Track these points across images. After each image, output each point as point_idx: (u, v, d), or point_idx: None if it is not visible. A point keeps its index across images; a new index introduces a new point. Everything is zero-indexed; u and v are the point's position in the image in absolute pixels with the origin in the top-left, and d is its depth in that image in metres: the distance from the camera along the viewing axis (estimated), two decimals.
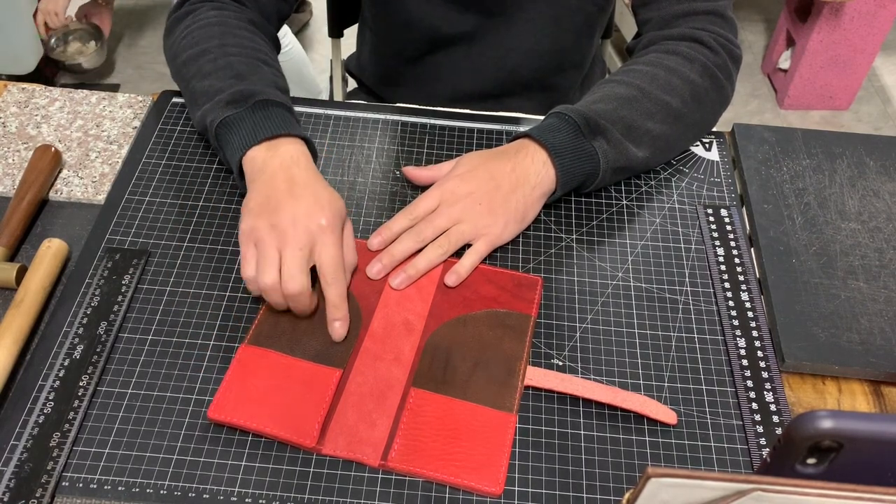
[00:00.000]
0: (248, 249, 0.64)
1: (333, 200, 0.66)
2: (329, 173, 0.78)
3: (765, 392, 0.62)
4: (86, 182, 0.75)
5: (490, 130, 0.83)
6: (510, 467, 0.58)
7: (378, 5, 0.94)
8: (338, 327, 0.63)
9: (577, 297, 0.69)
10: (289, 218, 0.63)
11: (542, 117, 0.77)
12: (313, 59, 2.29)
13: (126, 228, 0.71)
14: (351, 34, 1.19)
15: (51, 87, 0.84)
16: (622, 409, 0.61)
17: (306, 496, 0.55)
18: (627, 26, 2.08)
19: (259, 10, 0.83)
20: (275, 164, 0.67)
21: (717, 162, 0.81)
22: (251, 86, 0.71)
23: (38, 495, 0.54)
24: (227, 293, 0.67)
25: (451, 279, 0.68)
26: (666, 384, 0.63)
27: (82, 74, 2.14)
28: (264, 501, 0.55)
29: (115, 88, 2.16)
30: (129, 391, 0.60)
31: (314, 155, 0.71)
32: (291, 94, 0.78)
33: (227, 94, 0.70)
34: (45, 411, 0.58)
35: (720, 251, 0.72)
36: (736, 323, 0.67)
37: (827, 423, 0.36)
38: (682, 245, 0.73)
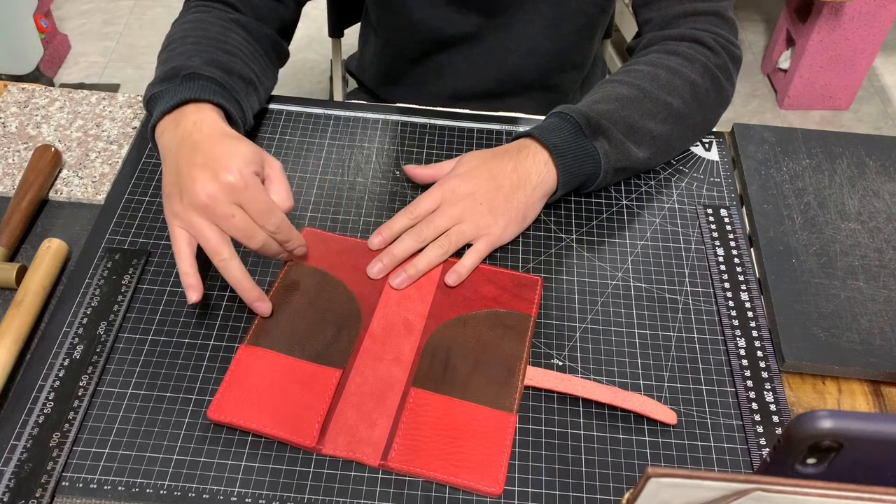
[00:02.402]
0: (175, 233, 0.62)
1: (238, 151, 0.62)
2: (329, 173, 0.78)
3: (765, 392, 0.62)
4: (86, 182, 0.75)
5: (490, 130, 0.83)
6: (510, 467, 0.58)
7: (381, 7, 0.94)
8: (298, 252, 0.65)
9: (577, 297, 0.69)
10: (203, 192, 0.60)
11: (542, 117, 0.77)
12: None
13: (126, 228, 0.71)
14: (351, 34, 1.19)
15: (51, 87, 0.84)
16: (622, 409, 0.61)
17: (306, 496, 0.55)
18: (627, 26, 2.08)
19: (254, 14, 0.82)
20: (177, 138, 0.65)
21: (717, 162, 0.81)
22: (187, 61, 0.70)
23: (37, 495, 0.54)
24: (227, 293, 0.67)
25: (452, 279, 0.68)
26: (666, 384, 0.63)
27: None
28: (264, 501, 0.55)
29: (115, 88, 2.16)
30: (129, 391, 0.60)
31: (233, 120, 0.69)
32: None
33: (162, 71, 0.71)
34: (45, 411, 0.58)
35: (720, 251, 0.72)
36: (736, 323, 0.67)
37: (827, 423, 0.36)
38: (682, 245, 0.73)
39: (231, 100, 0.70)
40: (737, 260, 0.72)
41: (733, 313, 0.68)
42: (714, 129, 0.84)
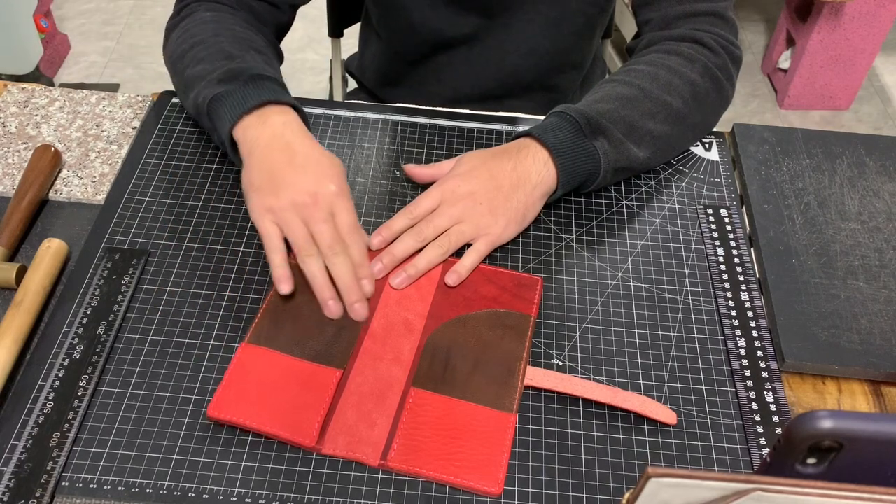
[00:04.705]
0: (268, 227, 0.65)
1: (334, 164, 0.68)
2: None
3: (765, 392, 0.62)
4: (86, 182, 0.75)
5: (490, 130, 0.83)
6: (510, 467, 0.58)
7: (381, 9, 0.94)
8: (365, 285, 0.65)
9: (577, 297, 0.69)
10: (304, 192, 0.65)
11: (542, 117, 0.77)
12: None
13: (126, 228, 0.71)
14: (351, 34, 1.19)
15: (51, 87, 0.84)
16: (622, 409, 0.61)
17: (306, 496, 0.55)
18: (627, 26, 2.08)
19: (255, 17, 0.83)
20: (267, 135, 0.68)
21: (717, 162, 0.81)
22: (242, 64, 0.72)
23: (37, 495, 0.54)
24: (227, 293, 0.67)
25: (452, 279, 0.68)
26: (666, 384, 0.63)
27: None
28: (264, 501, 0.55)
29: (115, 88, 2.16)
30: (129, 391, 0.60)
31: (306, 122, 0.72)
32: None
33: (219, 73, 0.71)
34: (45, 411, 0.58)
35: (720, 251, 0.72)
36: (736, 323, 0.67)
37: (827, 423, 0.36)
38: (682, 245, 0.73)
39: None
40: (737, 260, 0.72)
41: (733, 313, 0.68)
42: (714, 129, 0.84)
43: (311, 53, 2.30)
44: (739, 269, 0.71)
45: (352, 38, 1.10)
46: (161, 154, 0.78)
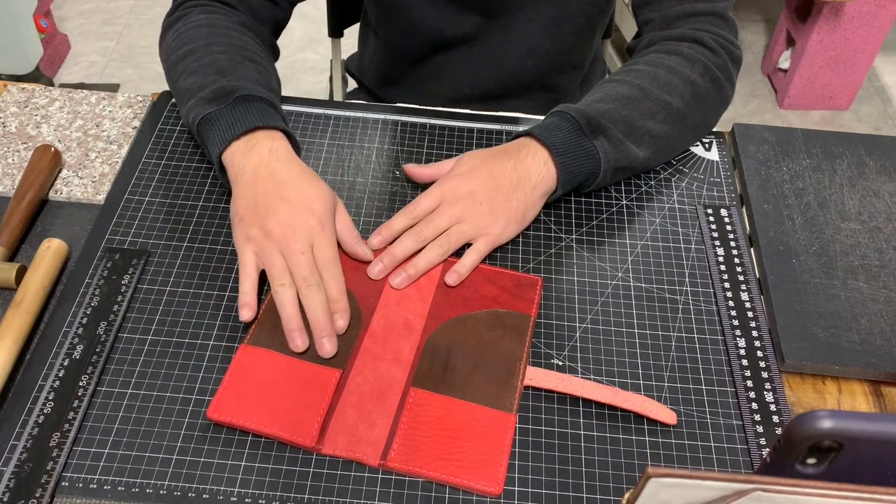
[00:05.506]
0: (247, 256, 0.65)
1: (320, 194, 0.67)
2: (329, 173, 0.78)
3: (765, 392, 0.62)
4: (85, 182, 0.75)
5: (490, 130, 0.83)
6: (510, 467, 0.58)
7: (381, 9, 0.94)
8: (338, 319, 0.64)
9: (577, 297, 0.69)
10: (284, 224, 0.64)
11: (542, 117, 0.77)
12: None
13: (126, 228, 0.71)
14: (350, 34, 1.19)
15: (51, 87, 0.84)
16: (622, 409, 0.61)
17: (306, 496, 0.55)
18: (627, 26, 2.08)
19: (252, 15, 0.83)
20: (254, 162, 0.68)
21: (717, 162, 0.81)
22: (233, 81, 0.71)
23: (37, 495, 0.54)
24: (227, 293, 0.67)
25: (452, 279, 0.68)
26: (666, 384, 0.63)
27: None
28: (264, 501, 0.55)
29: (115, 88, 2.16)
30: (129, 391, 0.60)
31: (296, 147, 0.72)
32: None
33: (209, 91, 0.71)
34: (44, 411, 0.58)
35: (720, 251, 0.72)
36: (736, 323, 0.67)
37: (827, 423, 0.36)
38: (682, 245, 0.73)
39: (286, 122, 0.73)
40: (737, 260, 0.72)
41: (733, 313, 0.68)
42: (714, 129, 0.84)
43: (311, 53, 2.30)
44: (739, 269, 0.71)
45: (352, 38, 1.10)
46: (161, 154, 0.78)
